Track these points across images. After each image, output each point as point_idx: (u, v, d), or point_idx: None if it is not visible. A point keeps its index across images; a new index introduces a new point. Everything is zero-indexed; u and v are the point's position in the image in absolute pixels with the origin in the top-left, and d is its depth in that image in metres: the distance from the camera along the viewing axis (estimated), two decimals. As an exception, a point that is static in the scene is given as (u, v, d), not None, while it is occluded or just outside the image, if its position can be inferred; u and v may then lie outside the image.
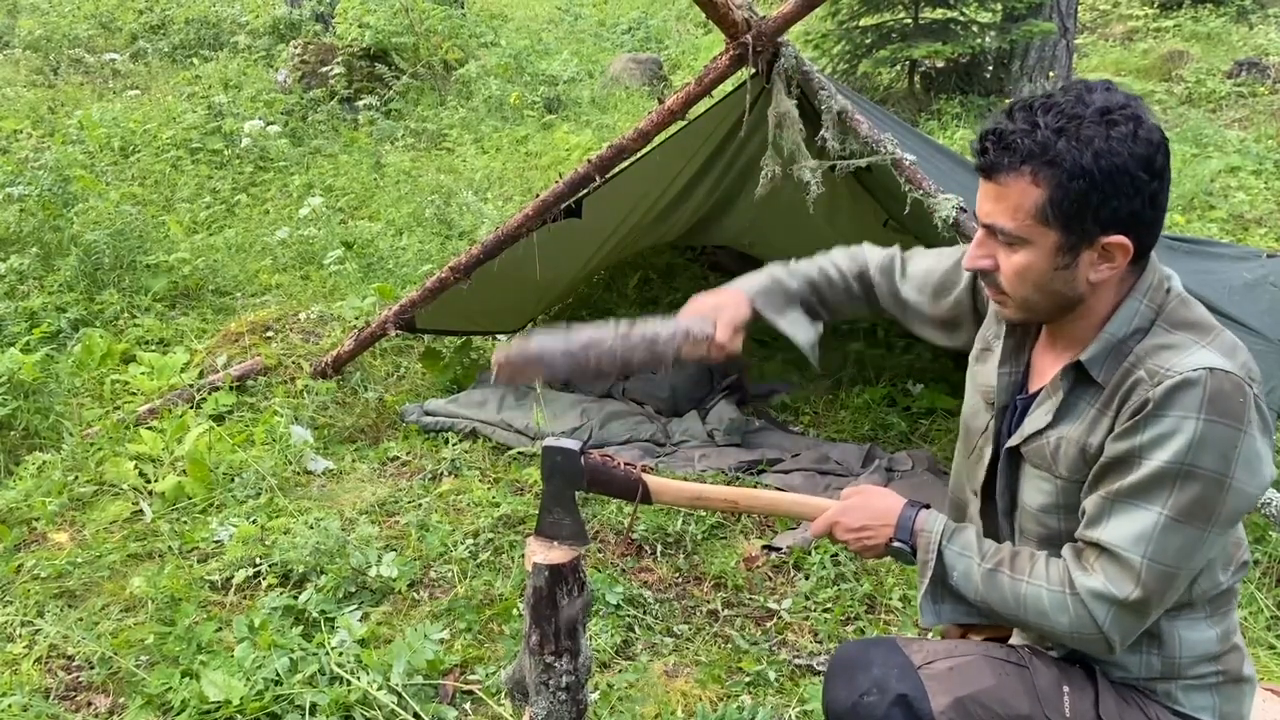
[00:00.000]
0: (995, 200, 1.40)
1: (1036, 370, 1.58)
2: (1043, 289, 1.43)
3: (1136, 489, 1.37)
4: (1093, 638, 1.42)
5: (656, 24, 10.84)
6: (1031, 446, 1.52)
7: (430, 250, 5.32)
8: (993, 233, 1.43)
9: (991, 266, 1.46)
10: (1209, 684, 1.52)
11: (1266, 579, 2.73)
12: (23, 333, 4.25)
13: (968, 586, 1.51)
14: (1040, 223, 1.37)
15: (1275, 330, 3.64)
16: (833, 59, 7.98)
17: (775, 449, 3.66)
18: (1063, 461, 1.47)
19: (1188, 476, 1.34)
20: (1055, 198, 1.35)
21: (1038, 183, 1.35)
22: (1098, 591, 1.39)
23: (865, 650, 1.59)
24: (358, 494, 3.35)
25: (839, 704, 1.53)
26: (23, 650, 2.56)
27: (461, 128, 7.41)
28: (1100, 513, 1.41)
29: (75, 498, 3.29)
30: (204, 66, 8.41)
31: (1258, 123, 7.35)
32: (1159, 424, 1.34)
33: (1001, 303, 1.51)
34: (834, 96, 3.03)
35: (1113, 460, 1.40)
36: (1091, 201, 1.34)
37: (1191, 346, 1.37)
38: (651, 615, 2.72)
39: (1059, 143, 1.33)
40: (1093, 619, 1.40)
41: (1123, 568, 1.38)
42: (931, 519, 1.57)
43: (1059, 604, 1.42)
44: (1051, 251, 1.39)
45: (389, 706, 2.29)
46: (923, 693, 1.48)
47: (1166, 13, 10.48)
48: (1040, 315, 1.50)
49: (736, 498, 1.76)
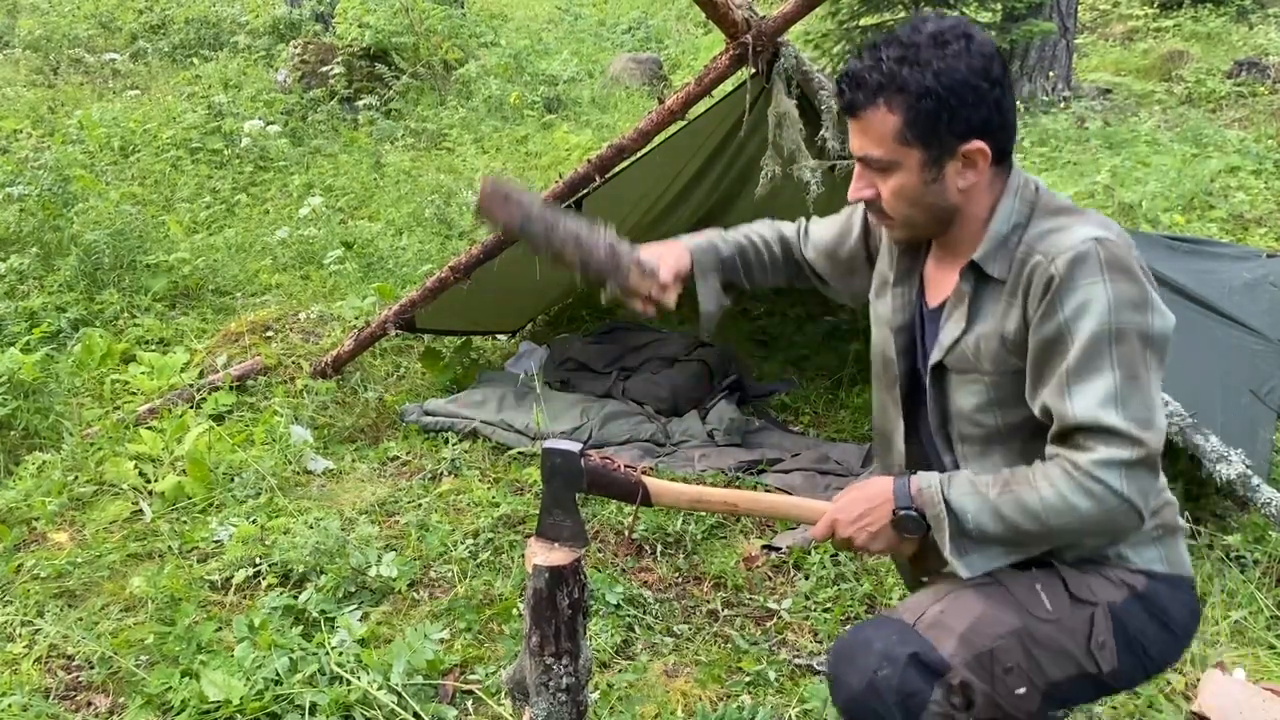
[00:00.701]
0: (862, 134, 1.55)
1: (931, 285, 1.71)
2: (919, 204, 1.57)
3: (1081, 363, 1.45)
4: (1119, 508, 1.44)
5: (656, 24, 10.84)
6: (954, 355, 1.61)
7: (430, 250, 5.32)
8: (867, 164, 1.58)
9: (873, 195, 1.60)
10: (1153, 538, 1.63)
11: (1266, 579, 2.72)
12: (23, 333, 4.25)
13: (987, 522, 1.51)
14: (903, 145, 1.52)
15: (1275, 330, 3.64)
16: (833, 59, 7.97)
17: (775, 449, 3.66)
18: (985, 357, 1.57)
19: (1119, 335, 1.44)
20: (909, 119, 1.49)
21: (892, 110, 1.50)
22: (1102, 460, 1.43)
23: (858, 634, 1.60)
24: (358, 494, 3.35)
25: (853, 691, 1.52)
26: (23, 650, 2.56)
27: (461, 128, 7.41)
28: (1061, 399, 1.47)
29: (75, 498, 3.29)
30: (204, 66, 8.41)
31: (1258, 123, 7.35)
32: (1073, 296, 1.45)
33: (889, 226, 1.65)
34: (834, 96, 3.03)
35: (1044, 345, 1.49)
36: (942, 117, 1.49)
37: (1072, 225, 1.51)
38: (651, 615, 2.72)
39: (902, 70, 1.48)
40: (1110, 489, 1.43)
41: (1110, 433, 1.44)
42: (925, 477, 1.58)
43: (1076, 490, 1.44)
44: (919, 168, 1.53)
45: (389, 706, 2.29)
46: (928, 645, 1.52)
47: (1166, 13, 10.48)
48: (925, 230, 1.64)
49: (736, 500, 1.76)
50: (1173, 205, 5.70)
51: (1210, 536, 2.85)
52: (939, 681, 1.51)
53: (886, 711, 1.50)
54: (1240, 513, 2.99)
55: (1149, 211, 5.59)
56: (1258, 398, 3.29)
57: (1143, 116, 7.67)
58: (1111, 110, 7.93)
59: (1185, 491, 2.98)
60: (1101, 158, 6.58)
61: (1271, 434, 3.20)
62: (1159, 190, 5.81)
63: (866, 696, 1.51)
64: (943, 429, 1.68)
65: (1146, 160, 6.42)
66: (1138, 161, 6.43)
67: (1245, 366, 3.39)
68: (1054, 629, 1.55)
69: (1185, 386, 2.85)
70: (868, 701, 1.51)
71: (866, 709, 1.52)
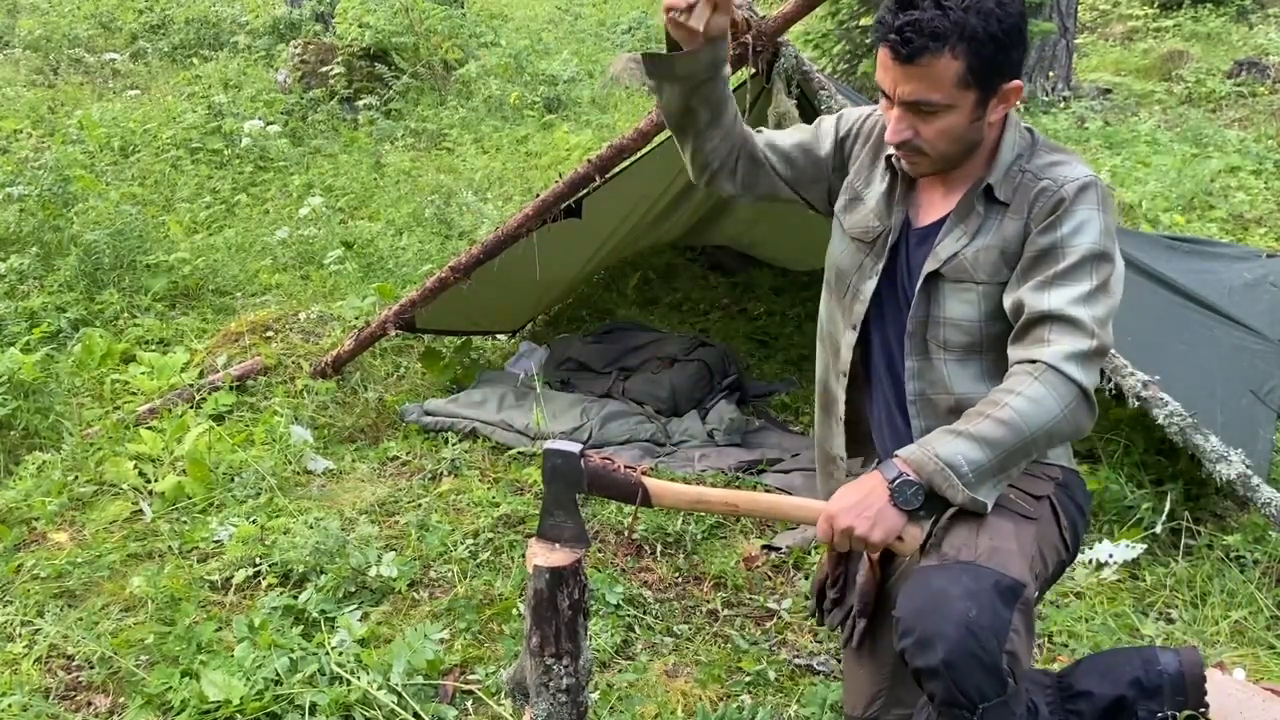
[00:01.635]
0: (918, 80, 1.61)
1: (924, 206, 1.82)
2: (960, 141, 1.69)
3: (1069, 270, 1.64)
4: (1077, 400, 1.61)
5: (656, 24, 10.83)
6: (951, 265, 1.73)
7: (430, 250, 5.31)
8: (915, 108, 1.64)
9: (913, 136, 1.68)
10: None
11: (1266, 579, 2.72)
12: (23, 333, 4.25)
13: (980, 456, 1.58)
14: (962, 89, 1.61)
15: (1275, 330, 3.65)
16: (833, 59, 7.97)
17: (775, 449, 3.66)
18: (982, 268, 1.71)
19: (1101, 255, 1.65)
20: (972, 64, 1.59)
21: (956, 56, 1.58)
22: (1064, 353, 1.60)
23: (925, 587, 1.57)
24: (358, 494, 3.35)
25: (952, 640, 1.50)
26: (23, 650, 2.56)
27: (461, 128, 7.41)
28: (1041, 292, 1.64)
29: (75, 498, 3.29)
30: (204, 66, 8.40)
31: (1258, 123, 7.35)
32: (1074, 216, 1.65)
33: (919, 163, 1.73)
34: (834, 96, 3.03)
35: (1039, 253, 1.67)
36: (999, 60, 1.61)
37: (1073, 161, 1.71)
38: (651, 615, 2.72)
39: (970, 20, 1.56)
40: (1069, 379, 1.60)
41: (1074, 325, 1.61)
42: (902, 450, 1.62)
43: (1041, 392, 1.59)
44: (971, 109, 1.64)
45: (389, 706, 2.29)
46: (1001, 571, 1.57)
47: (1166, 13, 10.48)
48: (953, 163, 1.74)
49: (737, 501, 1.76)
50: (1173, 205, 5.70)
51: (1210, 536, 2.85)
52: (1018, 603, 1.55)
53: (985, 652, 1.50)
54: (1240, 513, 2.99)
55: (1149, 211, 5.59)
56: (1258, 398, 3.29)
57: (1143, 116, 7.67)
58: (1111, 110, 7.93)
59: (1185, 491, 2.98)
60: (1101, 158, 6.58)
61: (1271, 434, 3.20)
62: (1159, 190, 5.82)
63: (967, 642, 1.49)
64: (919, 334, 1.78)
65: (1146, 160, 6.42)
66: (1138, 161, 6.43)
67: (1245, 366, 3.40)
68: (1042, 525, 1.72)
69: (1185, 386, 2.85)
70: (968, 647, 1.50)
71: (968, 655, 1.50)
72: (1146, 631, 2.57)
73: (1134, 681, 1.82)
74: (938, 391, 1.78)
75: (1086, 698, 1.81)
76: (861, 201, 1.87)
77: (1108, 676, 1.83)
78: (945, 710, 1.56)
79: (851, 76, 7.97)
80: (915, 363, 1.79)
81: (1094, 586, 2.74)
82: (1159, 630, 2.58)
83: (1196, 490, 3.00)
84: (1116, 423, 3.24)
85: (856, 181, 1.90)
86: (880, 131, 1.87)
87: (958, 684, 1.51)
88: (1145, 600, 2.72)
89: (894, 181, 1.83)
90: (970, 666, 1.50)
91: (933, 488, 1.58)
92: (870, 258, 1.84)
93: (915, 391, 1.80)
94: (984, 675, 1.51)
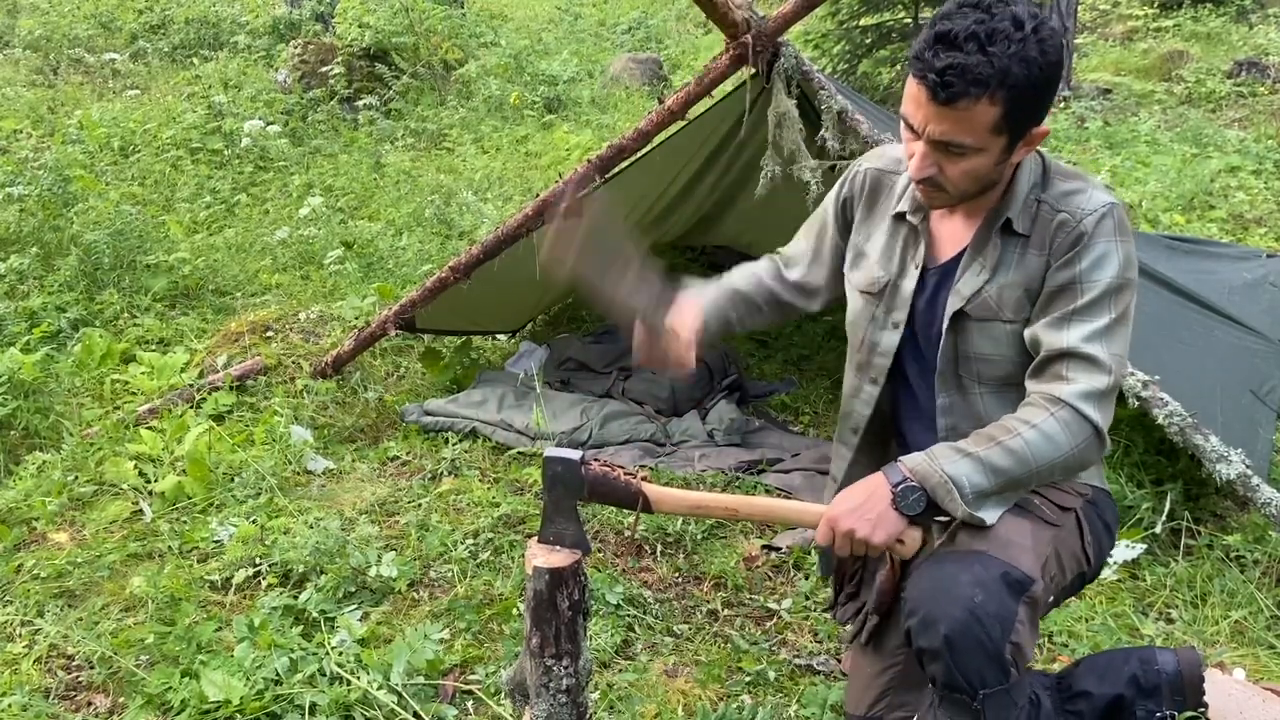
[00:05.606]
0: (953, 122, 1.56)
1: (941, 241, 1.79)
2: (982, 181, 1.65)
3: (1089, 306, 1.63)
4: (1088, 438, 1.61)
5: (656, 24, 10.84)
6: (975, 302, 1.71)
7: (430, 250, 5.32)
8: (945, 148, 1.60)
9: (937, 174, 1.64)
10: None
11: (1266, 579, 2.72)
12: (23, 333, 4.25)
13: (982, 481, 1.58)
14: (996, 134, 1.57)
15: (1275, 330, 3.65)
16: (833, 59, 7.97)
17: (775, 449, 3.66)
18: (1008, 306, 1.69)
19: (1121, 287, 1.63)
20: (1009, 111, 1.55)
21: (995, 103, 1.54)
22: (1082, 391, 1.60)
23: (938, 571, 1.60)
24: (358, 494, 3.35)
25: (955, 621, 1.53)
26: (23, 650, 2.56)
27: (461, 128, 7.42)
28: (1059, 329, 1.63)
29: (75, 498, 3.29)
30: (204, 66, 8.41)
31: (1258, 123, 7.36)
32: (1093, 250, 1.62)
33: (939, 199, 1.70)
34: (834, 96, 3.03)
35: (1058, 287, 1.65)
36: (1035, 107, 1.58)
37: (1087, 188, 1.67)
38: (651, 615, 2.72)
39: (1013, 68, 1.51)
40: (1085, 419, 1.59)
41: (1092, 363, 1.61)
42: (911, 457, 1.63)
43: (1055, 429, 1.59)
44: (999, 153, 1.61)
45: (389, 706, 2.29)
46: (1012, 563, 1.58)
47: (1166, 13, 10.49)
48: (972, 198, 1.71)
49: (737, 505, 1.76)
50: (1173, 205, 5.71)
51: (1210, 536, 2.85)
52: (1024, 597, 1.57)
53: (988, 639, 1.53)
54: (1240, 513, 2.99)
55: (1149, 211, 5.59)
56: (1258, 398, 3.29)
57: (1143, 116, 7.67)
58: (1111, 110, 7.93)
59: (1185, 491, 2.98)
60: (1101, 158, 6.58)
61: (1271, 434, 3.21)
62: (1159, 190, 5.82)
63: (970, 624, 1.52)
64: (951, 372, 1.77)
65: (1146, 160, 6.43)
66: (1138, 161, 6.43)
67: (1245, 366, 3.40)
68: (1064, 533, 1.71)
69: (1185, 386, 2.85)
70: (972, 631, 1.52)
71: (970, 638, 1.52)
72: (1146, 631, 2.57)
73: (1132, 680, 1.83)
74: (972, 425, 1.75)
75: (1085, 698, 1.82)
76: (865, 256, 1.87)
77: (1106, 676, 1.85)
78: (947, 695, 1.58)
79: (851, 76, 7.98)
80: (947, 398, 1.79)
81: (1094, 586, 2.74)
82: (1159, 630, 2.58)
83: (1196, 490, 3.00)
84: (1117, 423, 3.23)
85: (858, 238, 1.90)
86: (872, 184, 1.88)
87: (958, 666, 1.54)
88: (1145, 600, 2.72)
89: (898, 231, 1.83)
90: (972, 650, 1.53)
91: (934, 499, 1.59)
92: (880, 307, 1.83)
93: (946, 427, 1.80)
94: (986, 661, 1.53)
